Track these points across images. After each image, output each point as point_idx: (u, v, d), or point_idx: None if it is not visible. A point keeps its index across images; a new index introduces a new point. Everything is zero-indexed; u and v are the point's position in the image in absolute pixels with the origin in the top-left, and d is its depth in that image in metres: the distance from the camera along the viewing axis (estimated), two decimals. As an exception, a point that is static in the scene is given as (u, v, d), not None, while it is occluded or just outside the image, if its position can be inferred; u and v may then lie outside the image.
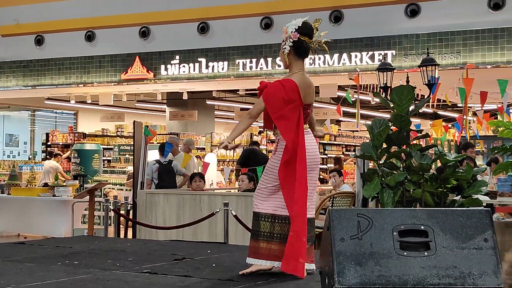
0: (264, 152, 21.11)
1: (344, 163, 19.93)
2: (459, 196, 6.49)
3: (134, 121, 12.01)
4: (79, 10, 16.07)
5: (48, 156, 18.04)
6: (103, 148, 19.64)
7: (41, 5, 16.71)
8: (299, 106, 5.26)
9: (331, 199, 9.62)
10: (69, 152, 18.81)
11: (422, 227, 3.79)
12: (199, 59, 14.73)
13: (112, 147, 20.32)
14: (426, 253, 3.73)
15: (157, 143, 17.60)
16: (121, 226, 10.76)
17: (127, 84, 15.83)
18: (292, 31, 5.42)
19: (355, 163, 10.97)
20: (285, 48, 5.42)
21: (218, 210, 8.59)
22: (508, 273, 2.73)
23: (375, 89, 12.53)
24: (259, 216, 5.29)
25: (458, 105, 18.00)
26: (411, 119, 6.56)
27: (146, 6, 15.33)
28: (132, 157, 14.28)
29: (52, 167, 16.64)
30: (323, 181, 19.03)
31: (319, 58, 13.45)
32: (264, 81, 5.53)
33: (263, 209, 5.29)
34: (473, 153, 11.34)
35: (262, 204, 5.30)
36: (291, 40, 5.39)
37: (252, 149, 13.76)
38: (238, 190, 10.65)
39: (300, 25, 5.43)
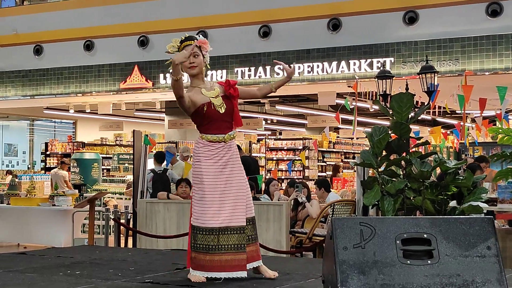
0: (263, 161, 21.13)
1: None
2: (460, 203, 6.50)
3: (133, 130, 12.02)
4: (78, 19, 16.10)
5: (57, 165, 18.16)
6: (102, 157, 19.65)
7: (40, 15, 16.75)
8: None
9: (332, 207, 9.62)
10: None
11: (425, 236, 3.80)
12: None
13: (111, 156, 20.31)
14: (429, 262, 3.74)
15: (156, 151, 17.59)
16: (121, 235, 10.76)
17: (126, 93, 15.85)
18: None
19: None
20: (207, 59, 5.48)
21: (218, 219, 8.56)
22: None
23: (374, 97, 12.56)
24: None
25: (457, 111, 18.06)
26: (410, 126, 6.58)
27: (145, 15, 15.36)
28: (131, 166, 14.28)
29: (62, 175, 16.76)
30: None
31: (318, 66, 13.48)
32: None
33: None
34: (485, 167, 11.30)
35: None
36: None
37: (249, 156, 13.87)
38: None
39: None
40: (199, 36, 5.54)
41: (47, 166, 20.94)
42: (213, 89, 5.38)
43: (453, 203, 6.64)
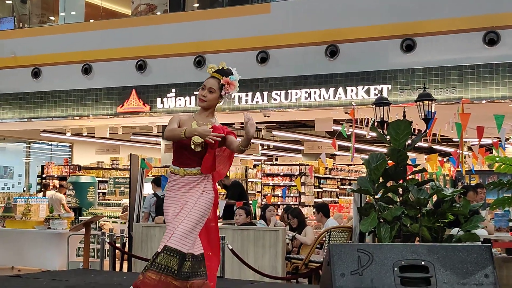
0: (259, 186, 21.11)
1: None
2: (456, 230, 6.49)
3: (130, 154, 12.01)
4: (76, 43, 16.14)
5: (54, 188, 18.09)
6: (98, 180, 19.61)
7: (38, 38, 16.80)
8: None
9: (328, 233, 9.60)
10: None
11: (423, 263, 3.79)
12: (195, 93, 14.76)
13: (107, 179, 20.28)
14: (426, 289, 3.73)
15: (152, 175, 17.57)
16: (116, 259, 10.70)
17: (123, 117, 15.85)
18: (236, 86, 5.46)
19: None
20: (225, 99, 5.40)
21: (214, 244, 8.52)
22: None
23: (369, 123, 12.58)
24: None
25: (453, 139, 18.08)
26: (407, 153, 6.59)
27: (143, 39, 15.41)
28: (127, 189, 14.24)
29: (59, 199, 16.71)
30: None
31: (315, 92, 13.51)
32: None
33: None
34: (481, 194, 11.25)
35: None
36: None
37: (239, 182, 14.01)
38: (235, 224, 10.63)
39: None
40: (236, 75, 5.47)
41: (43, 189, 20.87)
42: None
43: (449, 231, 6.63)
